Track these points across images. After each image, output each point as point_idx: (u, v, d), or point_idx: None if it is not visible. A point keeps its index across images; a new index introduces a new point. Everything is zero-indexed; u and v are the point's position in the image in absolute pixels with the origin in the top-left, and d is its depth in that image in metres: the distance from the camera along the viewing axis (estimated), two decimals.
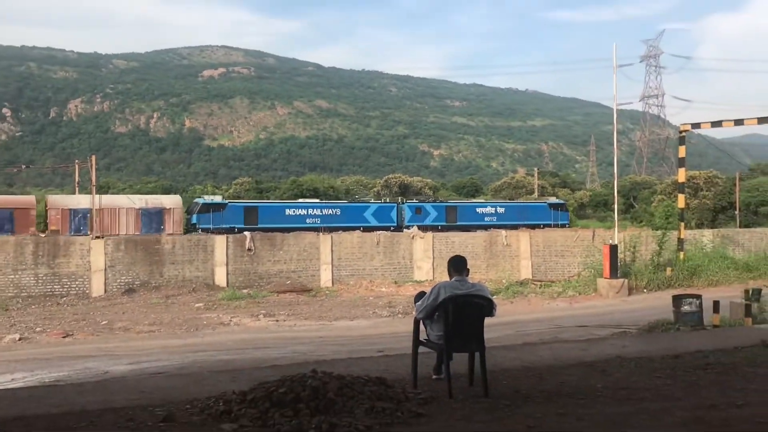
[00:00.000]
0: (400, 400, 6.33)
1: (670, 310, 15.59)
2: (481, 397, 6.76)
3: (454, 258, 7.36)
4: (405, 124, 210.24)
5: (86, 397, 7.45)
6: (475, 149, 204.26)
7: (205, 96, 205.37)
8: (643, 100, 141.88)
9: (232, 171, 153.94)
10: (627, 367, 8.66)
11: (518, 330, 17.54)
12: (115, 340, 19.47)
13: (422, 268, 33.37)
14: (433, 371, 7.68)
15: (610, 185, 72.06)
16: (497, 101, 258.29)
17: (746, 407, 6.33)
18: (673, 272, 27.00)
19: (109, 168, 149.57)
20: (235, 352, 15.73)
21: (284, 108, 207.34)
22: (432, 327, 7.21)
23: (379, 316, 23.29)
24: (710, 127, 27.65)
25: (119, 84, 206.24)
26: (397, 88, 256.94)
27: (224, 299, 27.10)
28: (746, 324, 14.90)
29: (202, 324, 21.90)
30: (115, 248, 29.96)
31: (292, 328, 21.05)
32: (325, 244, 32.36)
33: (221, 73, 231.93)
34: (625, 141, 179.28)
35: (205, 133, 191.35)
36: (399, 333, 17.56)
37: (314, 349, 15.38)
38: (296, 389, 6.15)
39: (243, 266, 31.36)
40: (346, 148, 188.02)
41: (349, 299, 27.94)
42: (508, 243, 34.63)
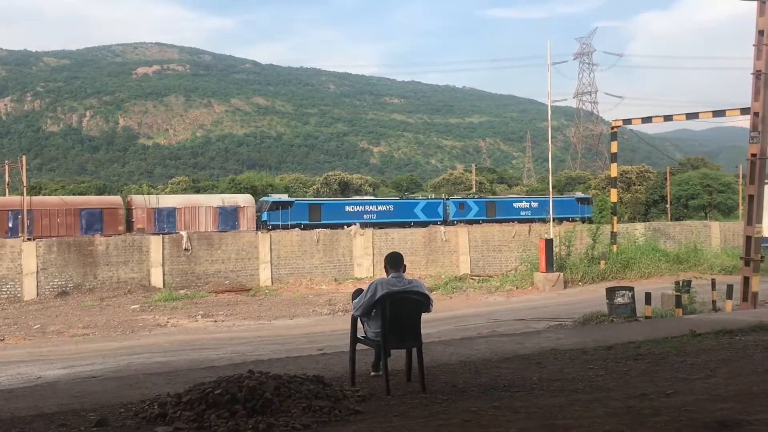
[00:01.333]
0: (338, 398, 6.32)
1: (604, 303, 15.96)
2: (418, 393, 6.80)
3: (390, 255, 7.39)
4: (344, 121, 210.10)
5: (16, 403, 7.23)
6: (414, 146, 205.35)
7: (140, 94, 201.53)
8: (577, 96, 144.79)
9: (168, 170, 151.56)
10: (561, 359, 8.82)
11: (457, 325, 17.72)
12: (48, 344, 18.98)
13: (362, 265, 33.41)
14: (372, 368, 7.70)
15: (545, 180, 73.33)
16: (435, 98, 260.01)
17: (675, 395, 6.51)
18: (606, 265, 27.62)
19: (41, 168, 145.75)
20: (172, 353, 15.46)
21: (221, 105, 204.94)
22: (369, 324, 7.22)
23: (319, 314, 23.25)
24: (641, 122, 28.33)
25: (50, 82, 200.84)
26: (335, 85, 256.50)
27: (161, 300, 26.66)
28: (677, 314, 15.36)
29: (138, 326, 21.51)
30: (47, 250, 29.17)
31: (231, 328, 20.85)
32: (264, 243, 32.11)
33: (156, 71, 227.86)
34: (560, 137, 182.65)
35: (139, 132, 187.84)
36: (339, 330, 17.55)
37: (253, 349, 15.23)
38: (232, 390, 6.10)
39: (180, 266, 30.89)
40: (285, 146, 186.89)
41: (288, 298, 27.80)
42: (447, 239, 34.92)
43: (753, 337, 10.41)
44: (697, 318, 13.93)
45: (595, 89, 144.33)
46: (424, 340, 7.22)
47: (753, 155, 16.47)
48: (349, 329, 7.52)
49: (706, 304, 17.33)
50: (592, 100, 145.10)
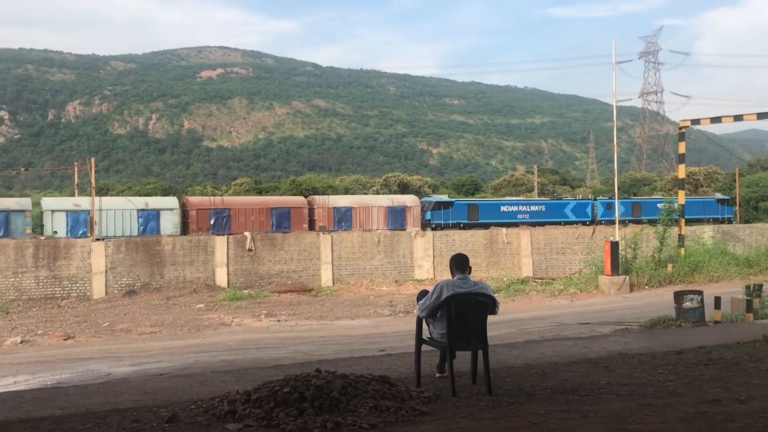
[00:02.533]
0: (404, 399, 6.33)
1: (671, 307, 15.61)
2: (484, 395, 6.77)
3: (456, 256, 7.37)
4: (403, 122, 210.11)
5: (90, 398, 7.44)
6: (474, 147, 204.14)
7: (204, 97, 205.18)
8: (642, 96, 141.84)
9: (231, 171, 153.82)
10: (630, 363, 8.67)
11: (520, 328, 17.55)
12: (117, 341, 19.47)
13: (423, 266, 33.38)
14: (437, 369, 7.69)
15: (610, 182, 72.14)
16: (496, 99, 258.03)
17: (749, 402, 6.34)
18: (674, 268, 27.01)
19: (108, 170, 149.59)
20: (237, 352, 15.71)
21: (282, 108, 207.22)
22: (435, 325, 7.22)
23: (380, 315, 23.30)
24: (709, 123, 27.67)
25: (117, 86, 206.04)
26: (395, 86, 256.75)
27: (225, 300, 27.11)
28: (748, 319, 14.92)
29: (204, 325, 21.89)
30: (115, 250, 29.97)
31: (294, 328, 21.05)
32: (326, 244, 32.37)
33: (219, 74, 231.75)
34: (624, 137, 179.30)
35: (203, 134, 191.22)
36: (400, 332, 17.57)
37: (316, 348, 15.37)
38: (300, 388, 6.16)
39: (244, 266, 31.38)
40: (345, 148, 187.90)
41: (349, 299, 27.94)
42: (509, 241, 34.63)
43: None
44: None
45: (661, 89, 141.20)
46: (489, 343, 7.18)
47: None
48: (414, 330, 7.53)
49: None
50: (657, 99, 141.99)
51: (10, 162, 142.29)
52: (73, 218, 37.01)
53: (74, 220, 36.92)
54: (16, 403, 7.47)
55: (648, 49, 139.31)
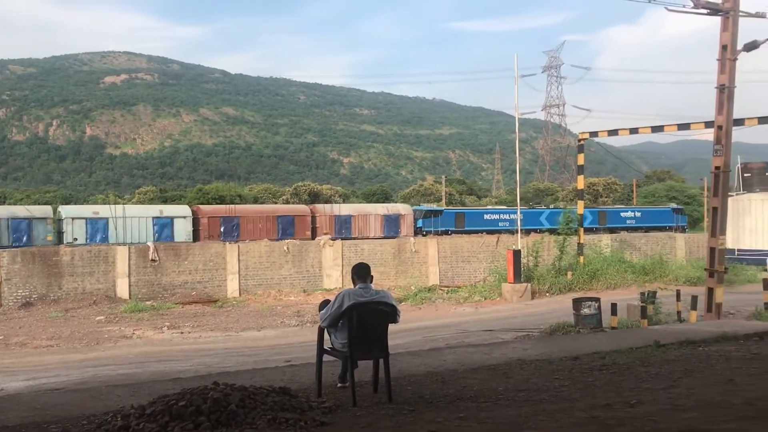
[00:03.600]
0: (304, 410, 6.30)
1: (571, 313, 16.10)
2: (385, 404, 6.80)
3: (357, 265, 7.39)
4: (314, 131, 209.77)
5: None
6: (384, 157, 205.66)
7: (107, 103, 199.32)
8: (545, 109, 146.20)
9: (135, 179, 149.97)
10: (527, 369, 8.88)
11: (426, 336, 17.75)
12: (11, 355, 18.65)
13: (332, 275, 33.32)
14: (339, 379, 7.68)
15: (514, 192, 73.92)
16: (405, 110, 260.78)
17: (639, 406, 6.57)
18: (573, 276, 27.86)
19: (6, 177, 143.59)
20: (138, 365, 15.29)
21: (190, 115, 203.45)
22: (336, 335, 7.21)
23: (288, 325, 23.11)
24: (607, 135, 28.72)
25: (16, 90, 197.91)
26: (305, 95, 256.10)
27: (126, 312, 26.32)
28: (642, 325, 15.54)
29: (103, 338, 21.21)
30: (11, 260, 28.68)
31: (197, 339, 20.65)
32: (232, 254, 31.88)
33: (124, 80, 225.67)
34: (528, 149, 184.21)
35: (107, 141, 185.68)
36: (307, 342, 17.46)
37: (220, 360, 15.12)
38: (197, 402, 6.04)
39: (146, 277, 30.54)
40: (254, 156, 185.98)
41: (256, 309, 27.60)
42: (416, 249, 34.97)
43: (716, 348, 10.57)
44: (662, 329, 14.11)
45: (563, 102, 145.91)
46: (393, 351, 7.23)
47: (717, 168, 16.75)
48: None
49: (671, 315, 17.55)
50: (560, 112, 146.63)
51: None
52: (92, 225, 37.72)
53: (93, 227, 37.70)
54: None
55: (551, 63, 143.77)
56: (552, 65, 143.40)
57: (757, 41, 16.26)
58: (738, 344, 10.97)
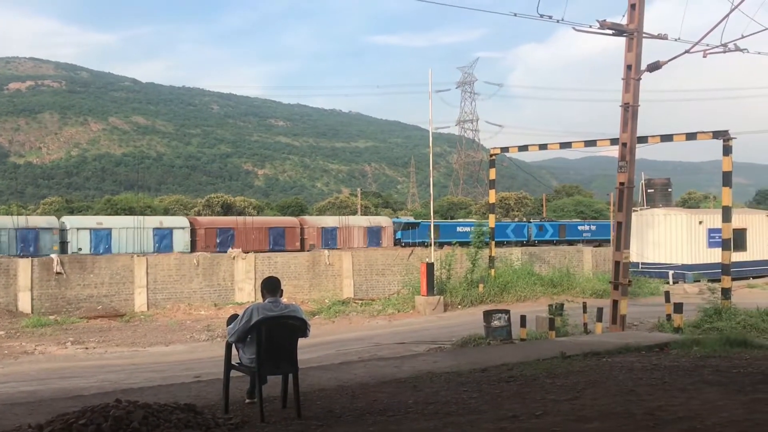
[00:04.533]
0: (209, 427, 6.16)
1: (482, 325, 16.31)
2: (294, 419, 6.72)
3: (266, 279, 7.31)
4: (228, 142, 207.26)
5: None
6: (300, 169, 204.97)
7: (11, 110, 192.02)
8: (459, 124, 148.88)
9: (40, 190, 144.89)
10: (437, 381, 8.93)
11: (339, 349, 17.66)
12: None
13: (244, 289, 32.84)
14: (247, 395, 7.55)
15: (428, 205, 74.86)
16: (321, 122, 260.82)
17: (544, 416, 6.70)
18: (485, 289, 28.28)
19: None
20: (39, 382, 14.63)
21: (98, 124, 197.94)
22: (245, 350, 7.10)
23: (197, 340, 22.62)
24: (517, 151, 29.33)
25: None
26: (219, 105, 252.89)
27: (28, 326, 25.23)
28: (550, 337, 15.88)
29: (3, 353, 20.26)
30: None
31: (103, 355, 19.98)
32: (140, 267, 31.03)
33: (29, 86, 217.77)
34: (443, 163, 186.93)
35: (10, 149, 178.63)
36: (217, 357, 17.01)
37: (126, 377, 14.64)
38: (97, 420, 5.83)
39: (50, 291, 29.39)
40: (166, 167, 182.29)
41: (165, 324, 26.90)
42: (331, 262, 34.87)
43: (619, 359, 10.89)
44: (569, 340, 14.46)
45: (476, 117, 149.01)
46: (304, 366, 7.17)
47: (621, 183, 17.34)
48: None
49: (578, 327, 18.01)
50: (473, 128, 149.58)
51: None
52: (96, 236, 39.12)
53: (97, 237, 39.10)
54: None
55: (465, 79, 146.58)
56: (466, 81, 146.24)
57: (659, 62, 16.96)
58: (640, 355, 11.33)
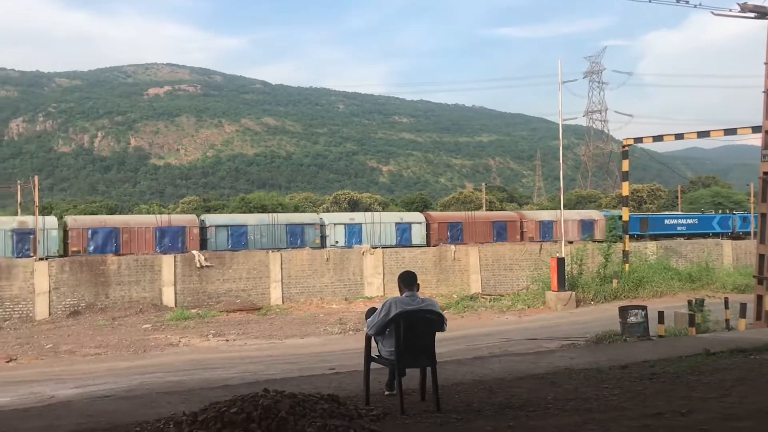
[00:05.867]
0: (353, 417, 6.30)
1: (617, 322, 15.87)
2: (433, 412, 6.79)
3: (403, 274, 7.39)
4: (353, 140, 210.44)
5: (31, 422, 7.26)
6: (423, 165, 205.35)
7: (151, 114, 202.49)
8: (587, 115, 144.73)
9: (179, 189, 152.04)
10: (576, 378, 8.78)
11: (469, 344, 17.66)
12: (61, 363, 19.03)
13: (373, 284, 33.38)
14: (386, 387, 7.68)
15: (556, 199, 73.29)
16: (444, 117, 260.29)
17: (691, 414, 6.47)
18: (618, 284, 27.50)
19: (52, 188, 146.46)
20: (184, 373, 15.46)
21: (231, 125, 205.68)
22: (383, 343, 7.22)
23: (330, 333, 23.20)
24: (652, 141, 28.35)
25: (62, 103, 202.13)
26: (344, 104, 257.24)
27: (173, 320, 26.70)
28: (690, 333, 15.27)
29: (150, 345, 21.53)
30: (59, 270, 29.30)
31: (242, 347, 20.84)
32: (275, 262, 32.14)
33: (167, 91, 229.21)
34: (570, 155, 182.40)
35: (150, 152, 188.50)
36: (350, 350, 17.52)
37: (265, 368, 15.22)
38: (248, 409, 6.08)
39: (192, 285, 30.96)
40: (295, 165, 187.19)
41: (299, 317, 27.77)
42: (458, 258, 34.87)
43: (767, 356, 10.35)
44: (711, 337, 13.86)
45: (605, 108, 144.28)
46: (437, 360, 7.21)
47: (765, 173, 16.44)
48: (363, 348, 7.52)
49: (720, 323, 17.22)
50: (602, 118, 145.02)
51: None
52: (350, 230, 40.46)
53: (350, 231, 40.43)
54: None
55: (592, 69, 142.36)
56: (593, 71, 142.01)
57: None
58: None
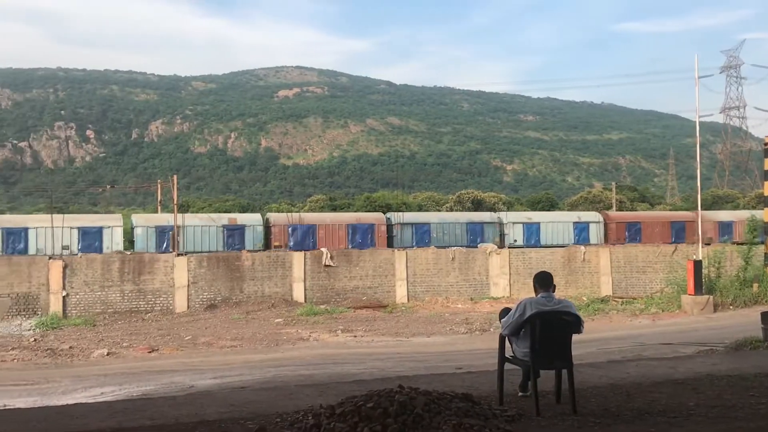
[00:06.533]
0: (488, 417, 6.31)
1: (757, 327, 15.01)
2: (569, 415, 6.70)
3: (539, 274, 7.33)
4: (477, 139, 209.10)
5: (179, 410, 7.67)
6: (549, 163, 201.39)
7: (281, 116, 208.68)
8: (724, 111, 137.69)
9: (306, 188, 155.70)
10: (718, 384, 8.43)
11: (600, 347, 17.20)
12: (199, 354, 19.87)
13: (498, 284, 33.10)
14: (519, 388, 7.64)
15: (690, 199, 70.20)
16: (572, 115, 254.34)
17: None
18: (759, 288, 26.04)
19: (189, 187, 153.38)
20: (315, 367, 15.87)
21: (357, 126, 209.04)
22: (518, 343, 7.18)
23: (456, 332, 23.17)
24: None
25: (198, 105, 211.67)
26: (468, 103, 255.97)
27: (303, 315, 27.45)
28: None
29: (282, 339, 22.17)
30: (197, 265, 30.74)
31: (370, 344, 21.13)
32: (400, 261, 32.45)
33: (296, 93, 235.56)
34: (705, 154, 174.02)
35: (280, 152, 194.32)
36: (477, 350, 17.48)
37: (393, 365, 15.40)
38: (384, 404, 6.21)
39: (320, 282, 31.74)
40: (418, 164, 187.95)
41: (425, 315, 27.90)
42: (587, 259, 34.04)
43: None
44: None
45: (744, 104, 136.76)
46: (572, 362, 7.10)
47: None
48: (490, 349, 7.52)
49: None
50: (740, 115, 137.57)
51: (95, 179, 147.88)
52: (528, 229, 42.30)
53: (528, 230, 42.28)
54: (107, 413, 7.75)
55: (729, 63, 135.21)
56: (731, 65, 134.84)
57: None
58: None
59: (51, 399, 12.26)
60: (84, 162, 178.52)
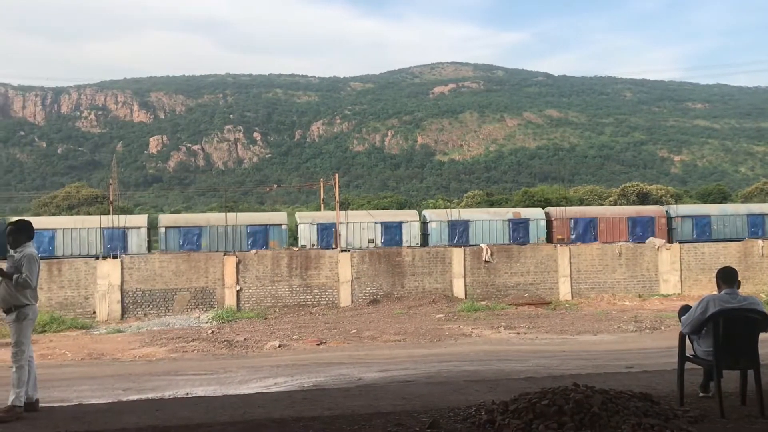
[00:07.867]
0: (668, 417, 6.10)
1: None
2: (756, 417, 6.35)
3: (723, 269, 6.98)
4: (642, 129, 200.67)
5: (353, 401, 7.93)
6: (720, 153, 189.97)
7: (436, 112, 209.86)
8: None
9: (462, 184, 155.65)
10: None
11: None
12: (364, 348, 20.36)
13: (669, 281, 31.67)
14: (700, 389, 7.32)
15: None
16: (744, 101, 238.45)
17: None
18: None
19: (348, 185, 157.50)
20: (479, 363, 15.85)
21: (513, 119, 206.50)
22: (699, 342, 6.88)
23: (625, 331, 22.40)
24: None
25: (356, 105, 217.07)
26: (632, 92, 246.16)
27: (463, 311, 27.48)
28: None
29: (444, 335, 22.31)
30: (360, 261, 31.55)
31: (533, 341, 20.85)
32: (563, 256, 31.78)
33: (451, 89, 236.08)
34: None
35: (436, 149, 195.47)
36: (647, 349, 16.80)
37: (559, 363, 15.11)
38: (559, 402, 6.15)
39: (480, 278, 31.67)
40: (579, 157, 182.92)
41: (590, 313, 27.17)
42: (766, 254, 31.86)
43: None
44: None
45: None
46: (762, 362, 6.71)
47: None
48: (662, 348, 7.26)
49: None
50: None
51: (262, 179, 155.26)
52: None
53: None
54: (287, 402, 8.16)
55: None
56: None
57: None
58: None
59: (229, 388, 12.93)
60: (251, 163, 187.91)
